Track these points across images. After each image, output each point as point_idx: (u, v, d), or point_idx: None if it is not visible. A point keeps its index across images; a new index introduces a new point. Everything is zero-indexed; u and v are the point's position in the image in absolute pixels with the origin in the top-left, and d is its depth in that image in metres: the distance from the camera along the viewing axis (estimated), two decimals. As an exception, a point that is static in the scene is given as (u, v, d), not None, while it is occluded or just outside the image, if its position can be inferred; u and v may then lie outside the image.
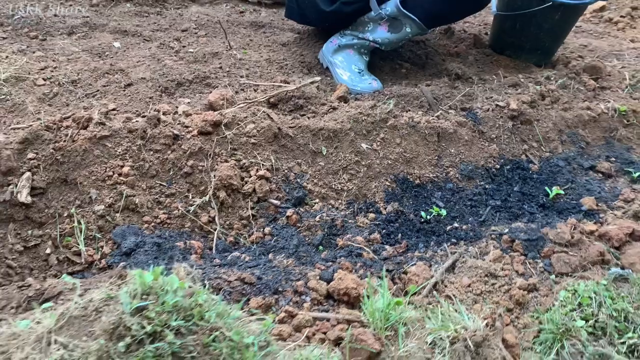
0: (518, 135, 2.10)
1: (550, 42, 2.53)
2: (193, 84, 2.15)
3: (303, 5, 2.44)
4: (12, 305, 1.24)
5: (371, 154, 1.88)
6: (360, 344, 1.27)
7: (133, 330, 1.04)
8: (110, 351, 1.02)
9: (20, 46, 2.32)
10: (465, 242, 1.71)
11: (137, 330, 1.04)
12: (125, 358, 1.02)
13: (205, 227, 1.65)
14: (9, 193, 1.50)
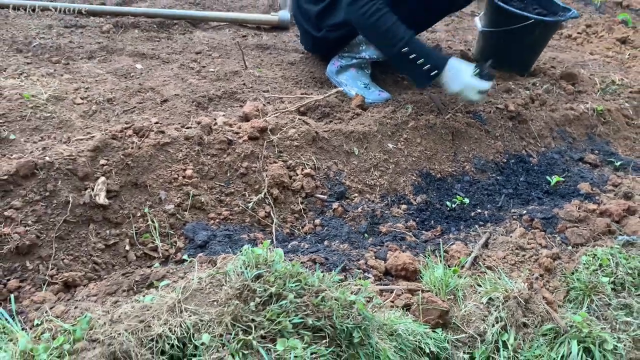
0: (517, 133, 2.37)
1: (531, 54, 2.86)
2: (222, 99, 2.32)
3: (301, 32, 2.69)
4: (124, 288, 1.36)
5: (397, 152, 2.10)
6: (432, 305, 1.45)
7: (258, 293, 1.20)
8: (241, 311, 1.17)
9: (47, 70, 2.42)
10: (490, 224, 1.94)
11: (261, 293, 1.20)
12: (255, 315, 1.17)
13: (263, 221, 1.81)
14: (87, 196, 1.61)
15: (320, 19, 2.48)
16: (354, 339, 1.23)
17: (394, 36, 2.05)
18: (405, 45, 2.05)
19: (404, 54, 2.06)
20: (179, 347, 1.15)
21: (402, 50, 2.05)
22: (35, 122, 2.00)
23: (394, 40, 2.06)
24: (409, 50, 2.05)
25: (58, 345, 1.11)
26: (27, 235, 1.50)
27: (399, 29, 2.07)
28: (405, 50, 2.05)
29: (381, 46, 2.17)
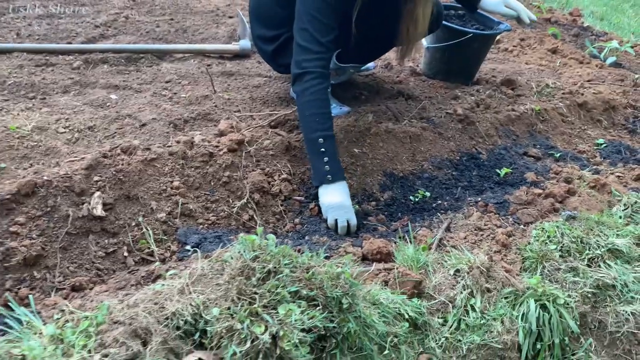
0: (466, 134, 2.63)
1: (473, 65, 3.16)
2: (197, 120, 2.50)
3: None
4: (132, 283, 1.50)
5: (362, 156, 2.32)
6: (406, 277, 1.65)
7: (257, 270, 1.37)
8: (244, 286, 1.33)
9: (25, 105, 2.54)
10: (450, 212, 2.16)
11: (260, 270, 1.37)
12: (257, 288, 1.34)
13: (247, 223, 1.98)
14: (85, 209, 1.75)
15: (275, 58, 2.65)
16: (343, 305, 1.41)
17: (320, 122, 2.05)
18: (324, 137, 2.04)
19: (318, 144, 2.03)
20: (191, 322, 1.31)
21: (319, 139, 2.03)
22: (23, 151, 2.12)
23: (317, 126, 2.05)
24: (324, 144, 2.03)
25: (83, 328, 1.25)
26: (33, 247, 1.63)
27: (327, 120, 2.08)
28: (321, 142, 2.03)
29: (304, 125, 2.11)
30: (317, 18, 2.10)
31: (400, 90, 2.95)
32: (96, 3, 4.39)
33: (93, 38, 3.54)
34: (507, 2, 2.52)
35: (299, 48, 2.13)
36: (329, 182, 2.01)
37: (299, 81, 2.11)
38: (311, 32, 2.10)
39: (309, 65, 2.09)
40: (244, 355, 1.25)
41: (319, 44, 2.10)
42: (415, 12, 2.22)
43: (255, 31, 2.70)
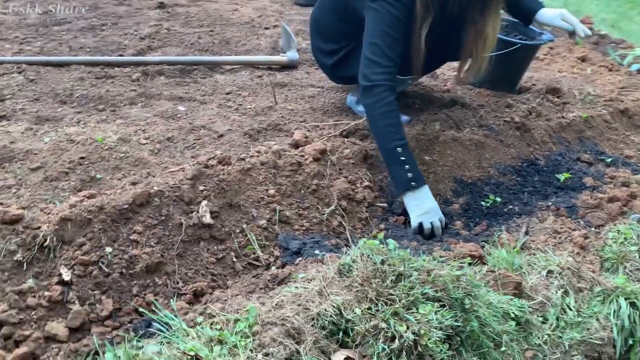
0: (524, 141, 2.74)
1: (518, 74, 3.28)
2: (268, 130, 2.58)
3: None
4: (260, 287, 1.59)
5: (433, 163, 2.41)
6: (507, 279, 1.74)
7: (388, 273, 1.46)
8: (381, 288, 1.42)
9: (99, 117, 2.62)
10: (524, 216, 2.26)
11: (391, 272, 1.46)
12: (392, 290, 1.43)
13: (337, 229, 2.07)
14: (195, 218, 1.83)
15: (334, 71, 2.75)
16: (466, 305, 1.50)
17: (395, 132, 2.13)
18: (401, 146, 2.10)
19: (397, 153, 2.10)
20: (334, 322, 1.39)
21: (396, 148, 2.10)
22: (114, 162, 2.20)
23: (393, 136, 2.12)
24: (402, 153, 2.10)
25: (240, 329, 1.33)
26: (154, 255, 1.70)
27: (401, 130, 2.17)
28: (399, 151, 2.10)
29: (379, 137, 2.19)
30: (388, 33, 2.20)
31: (453, 99, 3.05)
32: (132, 15, 4.47)
33: (142, 50, 3.62)
34: (564, 15, 2.62)
35: (368, 61, 2.22)
36: (414, 188, 2.10)
37: (368, 94, 2.20)
38: (381, 47, 2.19)
39: (378, 78, 2.18)
40: (389, 352, 1.33)
41: (388, 58, 2.19)
42: (485, 29, 2.32)
43: (315, 44, 2.80)
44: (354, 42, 2.57)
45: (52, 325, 1.48)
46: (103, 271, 1.62)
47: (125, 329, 1.52)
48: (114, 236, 1.70)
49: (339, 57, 2.68)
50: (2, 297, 1.50)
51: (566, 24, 2.63)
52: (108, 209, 1.71)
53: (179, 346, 1.29)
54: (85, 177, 2.07)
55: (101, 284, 1.61)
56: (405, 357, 1.34)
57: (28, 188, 2.00)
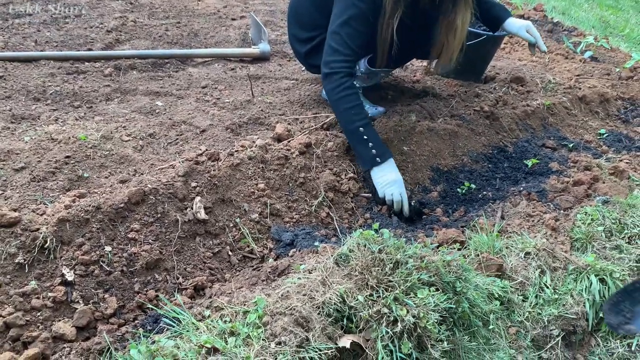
0: (493, 129, 2.87)
1: (483, 64, 3.41)
2: (249, 124, 2.62)
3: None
4: (262, 279, 1.65)
5: (411, 153, 2.51)
6: (490, 261, 1.86)
7: (386, 261, 1.54)
8: (380, 275, 1.51)
9: (77, 114, 2.60)
10: (498, 201, 2.39)
11: (389, 260, 1.54)
12: (391, 277, 1.51)
13: (325, 220, 2.14)
14: (190, 214, 1.87)
15: (307, 58, 2.81)
16: (457, 288, 1.61)
17: (356, 114, 2.24)
18: (363, 125, 2.23)
19: (360, 132, 2.23)
20: (338, 309, 1.47)
21: (359, 128, 2.23)
22: (100, 160, 2.20)
23: (355, 117, 2.24)
24: (364, 132, 2.23)
25: (251, 321, 1.39)
26: (152, 252, 1.73)
27: (362, 111, 2.28)
28: (362, 130, 2.23)
29: (342, 119, 2.31)
30: (350, 24, 2.28)
31: (424, 89, 3.16)
32: (94, 7, 4.38)
33: (110, 44, 3.57)
34: (529, 28, 2.75)
35: (330, 49, 2.32)
36: (379, 163, 2.23)
37: (328, 80, 2.30)
38: (343, 36, 2.29)
39: (337, 65, 2.29)
40: (392, 335, 1.42)
41: (348, 47, 2.29)
42: (455, 21, 2.43)
43: (292, 31, 2.85)
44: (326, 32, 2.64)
45: (59, 325, 1.50)
46: (104, 270, 1.65)
47: (133, 325, 1.55)
48: (112, 235, 1.72)
49: (313, 45, 2.73)
50: (7, 300, 1.50)
51: (530, 36, 2.76)
52: (105, 208, 1.73)
53: (192, 339, 1.34)
54: (72, 176, 2.06)
55: (103, 282, 1.63)
56: (406, 339, 1.43)
57: (15, 189, 1.98)
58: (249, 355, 1.26)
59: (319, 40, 2.69)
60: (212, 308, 1.52)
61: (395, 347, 1.41)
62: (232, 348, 1.30)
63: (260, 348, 1.31)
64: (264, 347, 1.32)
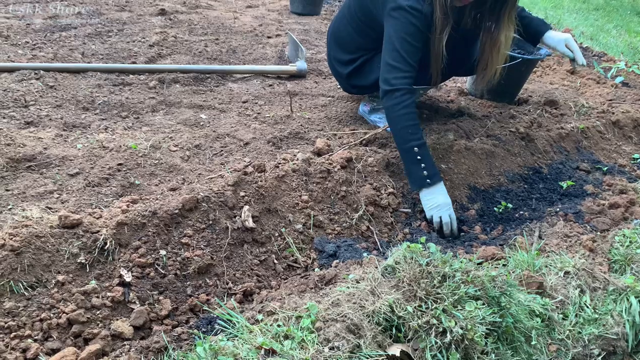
0: (528, 150, 2.91)
1: (517, 87, 3.46)
2: (289, 139, 2.70)
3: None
4: (310, 286, 1.70)
5: (449, 171, 2.56)
6: (531, 279, 1.89)
7: (434, 274, 1.59)
8: (429, 287, 1.55)
9: (125, 124, 2.70)
10: (535, 221, 2.42)
11: (436, 273, 1.59)
12: (439, 289, 1.55)
13: (365, 233, 2.19)
14: (239, 222, 1.93)
15: (350, 79, 2.88)
16: (502, 303, 1.64)
17: (413, 133, 2.28)
18: (418, 146, 2.27)
19: (414, 153, 2.27)
20: (387, 319, 1.51)
21: (414, 148, 2.26)
22: (150, 169, 2.28)
23: (411, 137, 2.27)
24: (419, 152, 2.27)
25: (305, 325, 1.44)
26: (204, 257, 1.80)
27: (419, 131, 2.31)
28: (416, 150, 2.26)
29: (398, 136, 2.33)
30: (408, 41, 2.34)
31: (459, 109, 3.21)
32: (135, 22, 4.54)
33: (152, 57, 3.69)
34: (568, 42, 2.81)
35: (389, 67, 2.36)
36: (429, 185, 2.27)
37: (389, 97, 2.34)
38: (401, 53, 2.34)
39: (398, 82, 2.33)
40: (440, 346, 1.46)
41: (407, 64, 2.34)
42: (499, 38, 2.49)
43: (332, 53, 2.93)
44: (370, 53, 2.71)
45: (117, 323, 1.57)
46: (159, 272, 1.71)
47: (189, 326, 1.61)
48: (167, 239, 1.79)
49: (355, 67, 2.81)
50: (69, 298, 1.57)
51: (568, 50, 2.81)
52: (160, 214, 1.80)
53: (248, 341, 1.39)
54: (124, 182, 2.15)
55: (158, 284, 1.70)
56: (454, 350, 1.46)
57: (71, 193, 2.07)
58: (307, 358, 1.30)
59: (361, 61, 2.78)
60: (264, 312, 1.57)
61: (444, 358, 1.45)
62: (289, 350, 1.35)
63: (315, 352, 1.36)
64: (318, 350, 1.36)
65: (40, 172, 2.22)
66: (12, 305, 1.52)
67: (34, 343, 1.48)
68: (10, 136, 2.41)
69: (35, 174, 2.21)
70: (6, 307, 1.51)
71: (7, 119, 2.60)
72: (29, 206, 1.93)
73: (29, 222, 1.69)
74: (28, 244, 1.61)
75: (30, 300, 1.55)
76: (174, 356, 1.42)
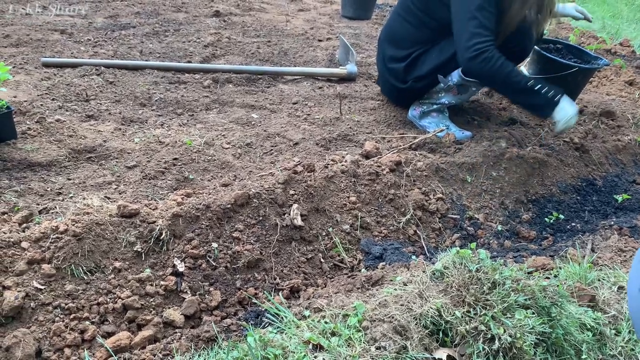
0: (582, 161, 2.83)
1: (572, 96, 3.36)
2: (339, 140, 2.72)
3: (382, 82, 3.14)
4: (357, 286, 1.71)
5: (500, 179, 2.52)
6: (583, 292, 1.84)
7: (483, 280, 1.57)
8: (478, 293, 1.54)
9: (180, 121, 2.78)
10: (588, 233, 2.36)
11: (486, 280, 1.57)
12: (488, 296, 1.54)
13: (412, 237, 2.18)
14: (288, 219, 1.96)
15: (406, 73, 2.92)
16: (552, 314, 1.61)
17: (516, 75, 2.44)
18: (527, 81, 2.44)
19: (530, 88, 2.44)
20: (434, 322, 1.51)
21: (528, 84, 2.43)
22: (203, 164, 2.34)
23: (518, 78, 2.44)
24: (534, 84, 2.44)
25: (351, 324, 1.45)
26: (254, 251, 1.84)
27: (520, 72, 2.51)
28: (530, 84, 2.43)
29: (506, 86, 2.50)
30: (485, 8, 2.46)
31: (511, 117, 3.16)
32: (191, 22, 4.66)
33: (207, 57, 3.79)
34: (576, 7, 3.08)
35: (469, 34, 2.46)
36: (557, 102, 2.48)
37: (478, 59, 2.43)
38: (481, 20, 2.46)
39: (482, 45, 2.43)
40: (487, 352, 1.45)
41: (487, 29, 2.46)
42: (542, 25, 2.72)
43: (388, 53, 2.97)
44: (426, 46, 2.84)
45: (169, 311, 1.62)
46: (210, 264, 1.76)
47: (237, 318, 1.65)
48: (219, 233, 1.83)
49: (411, 59, 2.89)
50: (125, 284, 1.64)
51: (579, 13, 3.08)
52: (214, 208, 1.85)
53: (296, 336, 1.42)
54: (179, 177, 2.22)
55: (209, 276, 1.74)
56: (501, 357, 1.44)
57: (129, 185, 2.15)
58: (354, 355, 1.32)
59: (417, 54, 2.87)
60: (311, 309, 1.59)
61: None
62: (336, 347, 1.36)
63: (362, 350, 1.37)
64: (365, 349, 1.37)
65: (99, 163, 2.31)
66: (72, 288, 1.60)
67: (91, 325, 1.54)
68: (73, 128, 2.52)
69: (95, 165, 2.30)
70: (67, 289, 1.59)
71: (70, 112, 2.72)
72: (89, 195, 2.01)
73: (90, 210, 1.77)
74: (89, 230, 1.68)
75: (89, 284, 1.62)
76: (224, 346, 1.46)
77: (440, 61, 2.77)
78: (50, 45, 3.63)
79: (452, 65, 2.75)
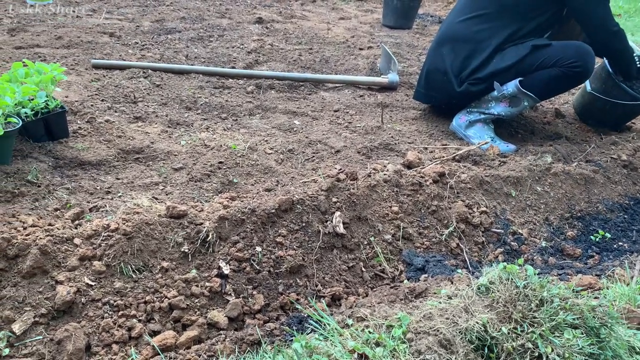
0: (630, 179, 2.76)
1: (624, 120, 3.28)
2: (380, 149, 2.71)
3: (432, 88, 3.09)
4: (400, 297, 1.69)
5: (544, 194, 2.48)
6: (632, 314, 1.79)
7: (531, 297, 1.54)
8: (525, 310, 1.51)
9: (224, 125, 2.82)
10: (635, 254, 2.29)
11: (534, 297, 1.54)
12: (536, 312, 1.51)
13: (454, 250, 2.16)
14: (330, 227, 1.97)
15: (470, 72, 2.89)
16: (601, 335, 1.56)
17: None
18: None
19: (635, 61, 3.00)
20: (479, 338, 1.49)
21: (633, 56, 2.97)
22: (247, 169, 2.37)
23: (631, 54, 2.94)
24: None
25: (397, 335, 1.44)
26: (296, 257, 1.85)
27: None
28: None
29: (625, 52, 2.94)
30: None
31: (557, 132, 3.10)
32: (234, 28, 4.73)
33: (250, 63, 3.84)
34: None
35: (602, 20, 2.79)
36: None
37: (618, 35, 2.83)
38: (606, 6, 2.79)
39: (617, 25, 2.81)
40: (534, 371, 1.42)
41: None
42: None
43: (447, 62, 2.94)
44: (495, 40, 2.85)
45: (213, 313, 1.64)
46: (254, 268, 1.78)
47: (280, 323, 1.66)
48: (263, 237, 1.85)
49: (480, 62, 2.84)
50: (172, 284, 1.67)
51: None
52: (259, 212, 1.87)
53: (340, 344, 1.42)
54: (224, 180, 2.25)
55: (253, 279, 1.76)
56: (548, 377, 1.41)
57: (175, 186, 2.19)
58: (400, 366, 1.31)
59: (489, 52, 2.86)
60: (354, 317, 1.59)
61: (537, 384, 1.40)
62: (381, 357, 1.36)
63: (406, 361, 1.36)
64: (409, 361, 1.37)
65: (147, 164, 2.36)
66: (121, 286, 1.63)
67: (138, 323, 1.58)
68: (121, 129, 2.59)
69: (142, 166, 2.36)
70: (116, 286, 1.62)
71: (119, 113, 2.79)
72: (138, 195, 2.06)
73: (140, 210, 1.81)
74: (138, 229, 1.72)
75: (137, 282, 1.66)
76: (269, 350, 1.47)
77: (501, 67, 2.76)
78: (99, 48, 3.74)
79: (510, 73, 2.74)
